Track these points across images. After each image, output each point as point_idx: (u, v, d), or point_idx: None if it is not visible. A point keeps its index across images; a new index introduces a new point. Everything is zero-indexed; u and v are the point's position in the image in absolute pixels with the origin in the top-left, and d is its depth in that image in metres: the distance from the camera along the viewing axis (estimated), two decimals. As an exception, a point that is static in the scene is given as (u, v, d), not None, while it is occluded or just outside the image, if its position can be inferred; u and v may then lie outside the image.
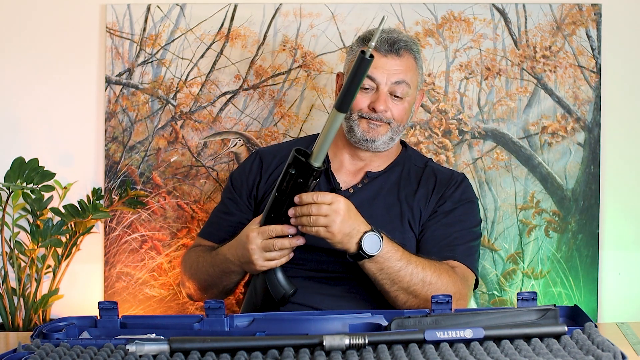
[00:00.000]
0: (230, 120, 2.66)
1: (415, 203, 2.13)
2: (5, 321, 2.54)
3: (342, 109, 1.76)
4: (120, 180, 2.66)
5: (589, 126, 2.62)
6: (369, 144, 2.12)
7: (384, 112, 2.10)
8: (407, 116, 2.16)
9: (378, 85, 2.10)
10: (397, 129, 2.13)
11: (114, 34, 2.66)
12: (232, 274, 2.06)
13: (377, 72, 2.09)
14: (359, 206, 2.03)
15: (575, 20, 2.61)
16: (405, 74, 2.11)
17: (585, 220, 2.61)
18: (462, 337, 1.47)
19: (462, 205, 2.15)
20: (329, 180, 2.16)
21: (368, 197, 2.13)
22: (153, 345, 1.52)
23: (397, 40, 2.11)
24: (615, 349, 1.42)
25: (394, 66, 2.10)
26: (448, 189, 2.15)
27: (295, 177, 1.85)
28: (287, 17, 2.64)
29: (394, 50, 2.10)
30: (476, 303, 2.62)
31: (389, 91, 2.10)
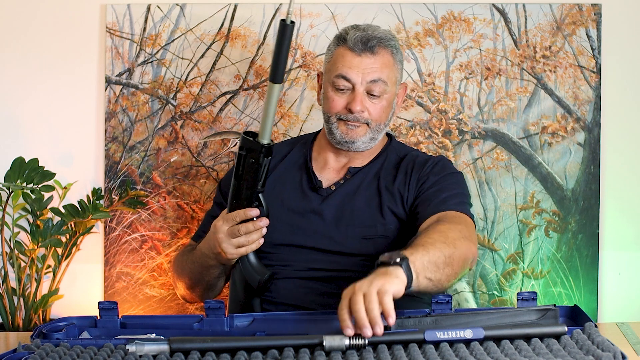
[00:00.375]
0: (230, 120, 2.66)
1: (395, 189, 2.09)
2: (5, 321, 2.54)
3: (276, 79, 1.77)
4: (120, 180, 2.66)
5: (589, 126, 2.62)
6: (349, 145, 2.11)
7: (361, 112, 2.07)
8: (387, 114, 2.12)
9: (354, 85, 2.07)
10: (377, 128, 2.11)
11: (114, 34, 2.66)
12: (210, 268, 2.06)
13: (352, 72, 2.06)
14: (342, 202, 2.06)
15: (575, 20, 2.61)
16: (381, 72, 2.07)
17: (585, 220, 2.61)
18: (462, 338, 1.47)
19: (446, 175, 2.11)
20: (310, 179, 2.14)
21: (349, 191, 2.11)
22: (153, 345, 1.52)
23: (370, 38, 2.07)
24: (615, 349, 1.42)
25: (369, 65, 2.07)
26: (426, 168, 2.11)
27: (246, 157, 1.88)
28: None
29: (367, 48, 2.07)
30: (476, 303, 2.62)
31: (366, 90, 2.07)
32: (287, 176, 2.16)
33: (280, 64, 1.77)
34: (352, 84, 2.07)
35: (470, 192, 2.61)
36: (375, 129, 2.11)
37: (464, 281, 2.62)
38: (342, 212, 2.08)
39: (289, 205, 2.10)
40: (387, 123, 2.15)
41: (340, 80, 2.07)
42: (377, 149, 2.19)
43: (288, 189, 2.14)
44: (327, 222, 2.07)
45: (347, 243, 2.04)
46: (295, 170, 2.17)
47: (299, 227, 2.08)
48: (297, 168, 2.18)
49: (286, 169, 2.18)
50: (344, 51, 2.09)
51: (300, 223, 2.08)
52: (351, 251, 2.04)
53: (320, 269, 2.04)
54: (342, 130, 2.10)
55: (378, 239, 2.04)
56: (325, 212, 2.08)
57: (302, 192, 2.13)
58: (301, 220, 2.09)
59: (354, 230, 2.05)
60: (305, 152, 2.21)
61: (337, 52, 2.11)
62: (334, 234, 2.06)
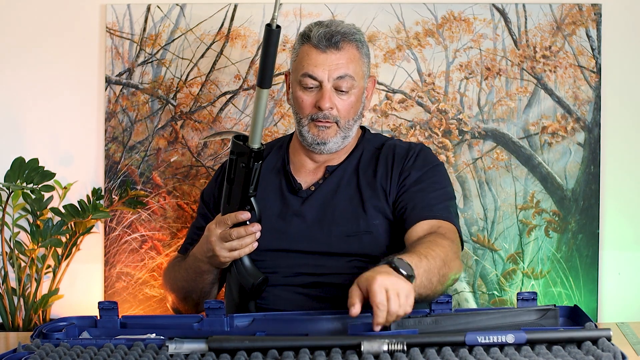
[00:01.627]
0: (230, 120, 2.66)
1: (378, 184, 2.08)
2: (5, 321, 2.54)
3: (264, 84, 1.80)
4: (120, 180, 2.66)
5: (589, 126, 2.62)
6: (321, 147, 2.09)
7: (330, 109, 2.06)
8: (356, 109, 2.10)
9: (321, 82, 2.05)
10: (346, 126, 2.09)
11: (114, 34, 2.66)
12: (204, 274, 2.04)
13: (318, 70, 2.04)
14: (323, 202, 2.05)
15: (575, 20, 2.61)
16: (347, 67, 2.05)
17: (585, 220, 2.61)
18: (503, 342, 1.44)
19: (428, 170, 2.09)
20: (289, 182, 2.13)
21: (329, 191, 2.10)
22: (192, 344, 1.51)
23: (334, 33, 2.06)
24: (615, 349, 1.42)
25: (335, 61, 2.05)
26: (408, 161, 2.09)
27: (237, 161, 1.89)
28: (287, 17, 2.64)
29: (332, 44, 2.05)
30: (476, 303, 2.62)
31: (333, 87, 2.05)
32: (267, 181, 2.14)
33: (267, 69, 1.78)
34: (319, 82, 2.05)
35: (470, 192, 2.62)
36: (345, 127, 2.09)
37: (464, 281, 2.62)
38: (324, 213, 2.06)
39: (270, 210, 2.09)
40: (357, 119, 2.12)
41: (307, 79, 2.06)
42: (352, 144, 2.17)
43: (268, 194, 2.13)
44: (309, 224, 2.06)
45: (331, 243, 2.03)
46: (274, 175, 2.16)
47: (282, 231, 2.06)
48: (276, 172, 2.17)
49: (264, 174, 2.13)
50: (309, 49, 2.07)
51: (283, 227, 2.07)
52: (336, 250, 2.02)
53: (308, 274, 2.02)
54: (313, 132, 2.08)
55: (362, 235, 2.02)
56: (306, 214, 2.07)
57: (282, 196, 2.12)
58: (283, 224, 2.07)
59: (337, 229, 2.04)
60: (282, 155, 2.19)
61: (301, 50, 2.09)
62: (317, 235, 2.04)
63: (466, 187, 2.63)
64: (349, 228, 2.03)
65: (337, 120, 2.07)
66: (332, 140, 2.08)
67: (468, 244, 2.62)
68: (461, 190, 2.62)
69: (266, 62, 1.77)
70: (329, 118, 2.06)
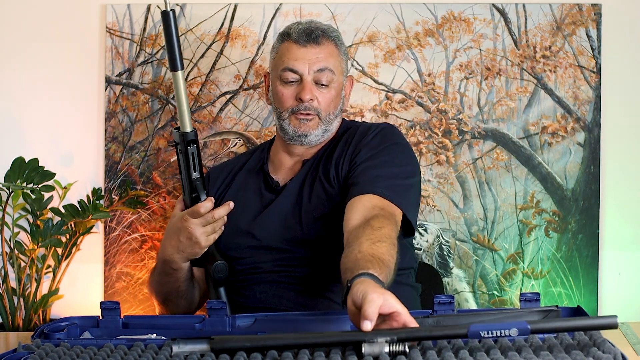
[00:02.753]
0: (230, 120, 2.66)
1: (333, 167, 2.08)
2: (5, 321, 2.53)
3: (175, 67, 1.86)
4: (120, 180, 2.66)
5: (589, 126, 2.62)
6: (302, 139, 2.11)
7: (311, 101, 2.08)
8: (336, 104, 2.12)
9: (301, 75, 2.08)
10: (327, 119, 2.11)
11: (114, 34, 2.65)
12: (176, 273, 2.06)
13: (299, 63, 2.08)
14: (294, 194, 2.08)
15: (575, 20, 2.61)
16: (327, 61, 2.09)
17: (585, 220, 2.62)
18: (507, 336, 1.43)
19: (383, 148, 2.06)
20: (266, 181, 2.15)
21: (299, 182, 2.11)
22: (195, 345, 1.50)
23: (314, 29, 2.10)
24: (616, 351, 1.42)
25: (315, 54, 2.09)
26: (364, 139, 2.09)
27: (177, 150, 1.98)
28: (287, 17, 2.64)
29: (312, 39, 2.09)
30: (476, 303, 2.62)
31: (314, 80, 2.09)
32: (248, 183, 2.18)
33: (173, 51, 1.84)
34: (299, 75, 2.09)
35: (470, 192, 2.62)
36: (326, 120, 2.11)
37: (464, 281, 2.62)
38: (295, 203, 2.08)
39: (250, 208, 2.12)
40: (338, 114, 2.14)
41: (288, 73, 2.09)
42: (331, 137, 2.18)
43: (249, 194, 2.16)
44: (283, 216, 2.07)
45: (303, 230, 2.04)
46: (254, 176, 2.19)
47: (259, 226, 2.08)
48: (255, 173, 2.19)
49: (246, 177, 2.20)
50: (289, 45, 2.11)
51: (261, 223, 2.09)
52: (309, 237, 2.03)
53: (288, 265, 2.03)
54: (294, 124, 2.10)
55: (328, 217, 2.02)
56: (280, 207, 2.09)
57: (261, 194, 2.14)
58: (261, 220, 2.09)
59: (305, 215, 2.05)
60: (262, 157, 2.22)
61: (281, 47, 2.13)
62: (290, 224, 2.06)
63: (466, 187, 2.63)
64: (316, 212, 2.04)
65: (319, 113, 2.10)
66: (313, 132, 2.10)
67: (468, 244, 2.62)
68: (461, 190, 2.63)
69: (171, 46, 1.84)
70: (310, 110, 2.09)
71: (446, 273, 2.62)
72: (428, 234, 2.62)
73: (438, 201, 2.63)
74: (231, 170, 2.24)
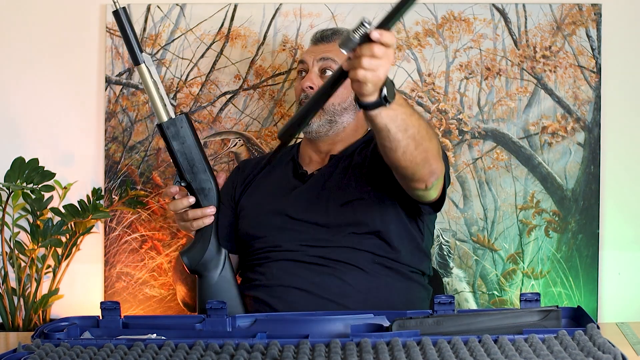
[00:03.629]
0: (230, 120, 2.66)
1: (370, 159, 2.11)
2: (5, 321, 2.53)
3: (136, 61, 1.87)
4: (120, 180, 2.66)
5: (589, 126, 2.62)
6: (307, 128, 2.15)
7: (311, 89, 2.14)
8: (342, 95, 2.13)
9: (308, 66, 2.18)
10: (331, 109, 2.14)
11: (114, 34, 2.65)
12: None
13: (307, 55, 2.20)
14: (322, 181, 2.13)
15: (575, 20, 2.61)
16: (332, 53, 2.17)
17: (585, 220, 2.62)
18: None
19: None
20: (295, 169, 2.20)
21: (328, 172, 2.15)
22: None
23: (329, 30, 2.23)
24: (616, 351, 1.42)
25: (323, 48, 2.19)
26: None
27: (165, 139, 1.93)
28: (287, 17, 2.64)
29: (324, 37, 2.22)
30: (476, 303, 2.62)
31: (320, 68, 2.17)
32: (276, 171, 2.23)
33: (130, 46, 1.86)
34: (307, 66, 2.19)
35: (470, 192, 2.62)
36: (329, 110, 2.14)
37: (464, 281, 2.62)
38: (322, 189, 2.12)
39: (277, 191, 2.16)
40: (346, 107, 2.17)
41: (299, 65, 2.22)
42: (358, 135, 2.21)
43: (276, 179, 2.21)
44: (307, 198, 2.11)
45: (328, 213, 2.07)
46: (283, 166, 2.24)
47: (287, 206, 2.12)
48: (285, 163, 2.24)
49: (274, 166, 2.25)
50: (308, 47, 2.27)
51: (287, 204, 2.12)
52: (333, 221, 2.06)
53: (309, 245, 2.06)
54: None
55: (355, 202, 2.06)
56: (307, 191, 2.13)
57: (289, 180, 2.19)
58: (286, 200, 2.13)
59: (332, 201, 2.08)
60: (294, 150, 2.28)
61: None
62: (315, 208, 2.09)
63: (466, 187, 2.63)
64: (343, 197, 2.08)
65: None
66: (315, 122, 2.14)
67: (468, 244, 2.62)
68: (461, 190, 2.63)
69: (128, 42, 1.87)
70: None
71: (446, 273, 2.62)
72: (428, 234, 2.62)
73: (438, 201, 2.62)
74: (260, 161, 2.29)
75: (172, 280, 2.26)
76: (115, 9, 1.86)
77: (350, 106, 2.17)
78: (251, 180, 2.25)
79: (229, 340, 1.54)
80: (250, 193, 2.22)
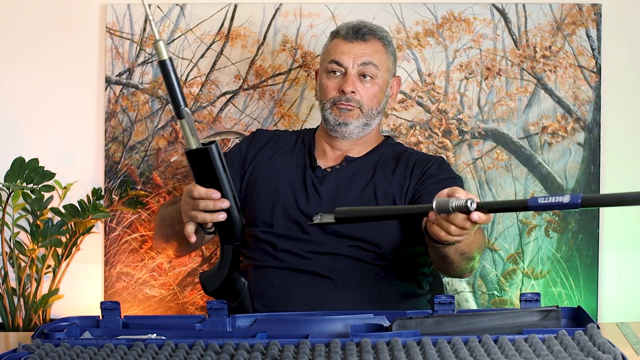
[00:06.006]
0: (230, 120, 2.66)
1: (394, 178, 2.11)
2: (5, 321, 2.53)
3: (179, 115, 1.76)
4: (120, 180, 2.66)
5: (589, 126, 2.62)
6: (342, 127, 2.14)
7: (353, 94, 2.12)
8: (379, 100, 2.16)
9: (346, 68, 2.14)
10: (369, 113, 2.15)
11: (114, 34, 2.65)
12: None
13: (344, 57, 2.14)
14: (336, 185, 2.10)
15: (575, 20, 2.61)
16: (372, 56, 2.14)
17: (585, 220, 2.62)
18: (561, 202, 1.42)
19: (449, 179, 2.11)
20: (311, 161, 2.18)
21: (345, 177, 2.14)
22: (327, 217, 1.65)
23: (362, 27, 2.17)
24: (616, 351, 1.42)
25: (360, 49, 2.14)
26: (430, 167, 2.14)
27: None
28: (287, 17, 2.64)
29: (359, 36, 2.15)
30: (476, 303, 2.62)
31: (358, 73, 2.14)
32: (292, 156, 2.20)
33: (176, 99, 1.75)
34: (344, 68, 2.14)
35: (470, 192, 2.61)
36: (368, 114, 2.14)
37: (464, 281, 2.62)
38: (337, 194, 2.10)
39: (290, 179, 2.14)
40: (380, 111, 2.18)
41: (333, 65, 2.15)
42: (374, 142, 2.22)
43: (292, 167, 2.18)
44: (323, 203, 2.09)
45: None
46: (299, 153, 2.22)
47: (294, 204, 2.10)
48: (302, 151, 2.22)
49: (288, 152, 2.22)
50: (337, 41, 2.18)
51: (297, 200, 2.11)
52: (343, 232, 2.05)
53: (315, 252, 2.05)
54: (335, 113, 2.14)
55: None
56: (322, 192, 2.11)
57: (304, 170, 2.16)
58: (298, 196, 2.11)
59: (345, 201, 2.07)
60: (309, 140, 2.25)
61: (330, 44, 2.20)
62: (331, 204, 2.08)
63: (466, 187, 2.63)
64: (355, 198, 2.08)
65: (361, 106, 2.14)
66: (353, 123, 2.14)
67: (468, 244, 2.62)
68: (461, 190, 2.63)
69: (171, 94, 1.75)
70: (351, 102, 2.13)
71: (446, 273, 2.62)
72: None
73: (438, 201, 2.62)
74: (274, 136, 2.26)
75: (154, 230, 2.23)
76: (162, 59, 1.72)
77: (381, 111, 2.18)
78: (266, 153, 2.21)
79: (229, 340, 1.54)
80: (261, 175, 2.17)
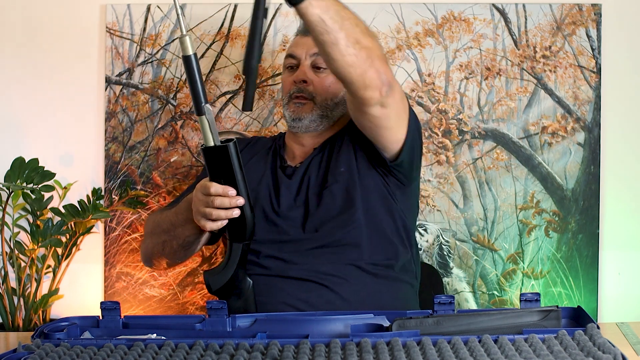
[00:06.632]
0: (230, 120, 2.66)
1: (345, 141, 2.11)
2: (5, 321, 2.53)
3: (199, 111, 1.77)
4: (120, 180, 2.66)
5: (589, 126, 2.62)
6: (297, 123, 2.14)
7: (305, 84, 2.12)
8: (334, 90, 2.14)
9: (299, 60, 2.15)
10: (324, 104, 2.14)
11: (114, 34, 2.65)
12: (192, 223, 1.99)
13: (297, 49, 2.17)
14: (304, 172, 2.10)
15: (575, 20, 2.61)
16: None
17: (585, 220, 2.62)
18: None
19: None
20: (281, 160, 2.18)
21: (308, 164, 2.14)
22: None
23: None
24: (616, 351, 1.42)
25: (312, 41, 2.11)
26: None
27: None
28: (287, 17, 2.64)
29: None
30: (476, 303, 2.62)
31: (311, 64, 2.14)
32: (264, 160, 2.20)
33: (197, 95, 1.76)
34: (297, 60, 2.15)
35: (470, 192, 2.63)
36: (322, 106, 2.14)
37: (464, 281, 2.62)
38: (303, 179, 2.11)
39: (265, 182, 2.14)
40: (338, 102, 2.16)
41: (288, 59, 2.18)
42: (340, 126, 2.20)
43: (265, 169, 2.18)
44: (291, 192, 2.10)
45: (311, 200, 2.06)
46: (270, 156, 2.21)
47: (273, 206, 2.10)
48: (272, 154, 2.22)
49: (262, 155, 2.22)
50: (295, 38, 2.24)
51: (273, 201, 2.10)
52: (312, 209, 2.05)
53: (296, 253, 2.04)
54: (291, 109, 2.15)
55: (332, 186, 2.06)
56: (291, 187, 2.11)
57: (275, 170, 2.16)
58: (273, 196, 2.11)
59: (312, 189, 2.08)
60: (279, 142, 2.25)
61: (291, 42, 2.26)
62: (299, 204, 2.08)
63: (466, 187, 2.63)
64: (321, 184, 2.08)
65: (313, 97, 2.13)
66: (307, 117, 2.13)
67: (468, 244, 2.62)
68: (461, 190, 2.63)
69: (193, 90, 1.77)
70: (304, 93, 2.13)
71: (446, 273, 2.62)
72: (428, 234, 2.62)
73: (438, 201, 2.63)
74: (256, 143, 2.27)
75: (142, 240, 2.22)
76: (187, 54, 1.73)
77: (341, 101, 2.16)
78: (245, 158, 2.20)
79: (229, 340, 1.54)
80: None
